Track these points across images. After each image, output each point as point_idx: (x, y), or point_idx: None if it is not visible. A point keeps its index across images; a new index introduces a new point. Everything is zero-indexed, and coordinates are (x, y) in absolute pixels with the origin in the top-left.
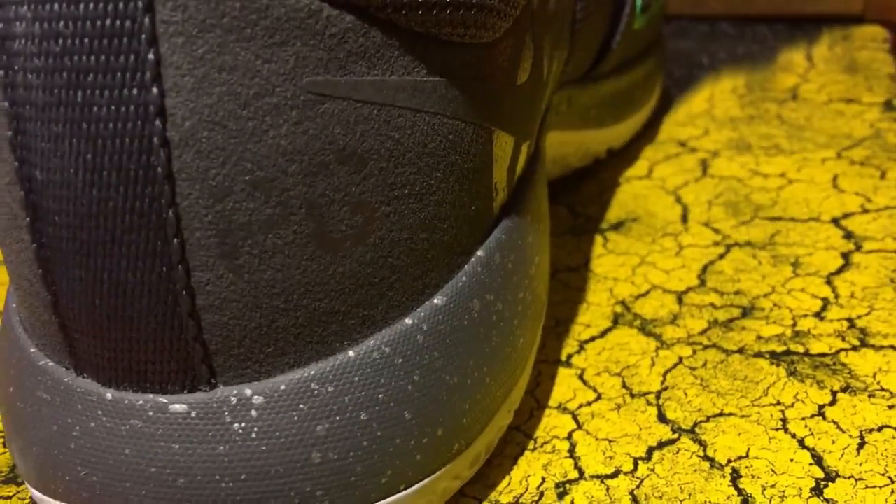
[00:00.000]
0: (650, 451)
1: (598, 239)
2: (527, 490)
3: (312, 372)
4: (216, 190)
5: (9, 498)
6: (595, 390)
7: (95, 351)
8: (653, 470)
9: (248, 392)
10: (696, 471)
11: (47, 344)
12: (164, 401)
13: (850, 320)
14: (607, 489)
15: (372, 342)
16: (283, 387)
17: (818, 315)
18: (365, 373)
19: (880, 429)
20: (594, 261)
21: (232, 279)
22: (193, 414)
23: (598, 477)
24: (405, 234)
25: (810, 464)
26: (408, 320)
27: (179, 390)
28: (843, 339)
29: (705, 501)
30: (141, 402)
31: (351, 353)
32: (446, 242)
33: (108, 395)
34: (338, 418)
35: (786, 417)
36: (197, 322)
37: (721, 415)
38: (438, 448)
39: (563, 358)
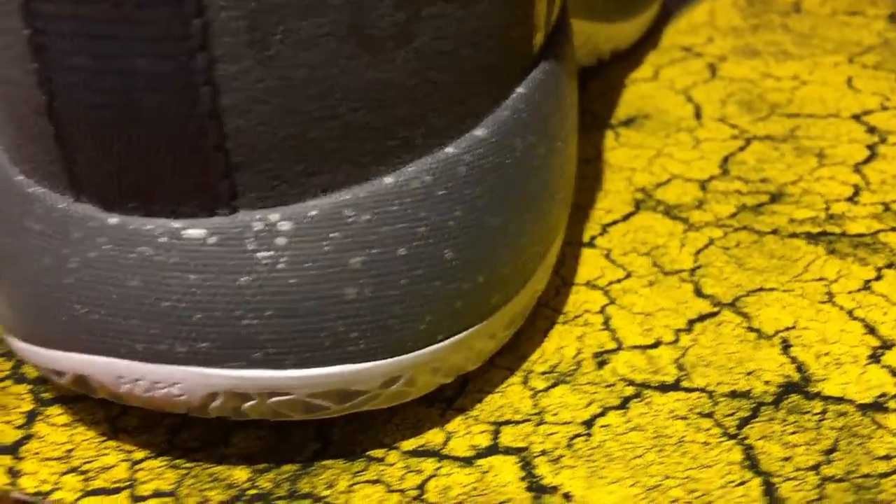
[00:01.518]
0: (690, 323)
1: (610, 134)
2: (562, 360)
3: (347, 197)
4: None
5: None
6: (624, 268)
7: (97, 166)
8: (696, 340)
9: (275, 217)
10: (742, 341)
11: (37, 166)
12: (178, 225)
13: (884, 204)
14: (650, 358)
15: (412, 169)
16: (314, 212)
17: (851, 200)
18: (404, 202)
19: None
20: (608, 153)
21: (261, 74)
22: (212, 240)
23: (638, 347)
24: (449, 44)
25: (864, 333)
26: (449, 149)
27: (195, 213)
28: (881, 221)
29: (756, 369)
30: (150, 226)
31: (389, 179)
32: (489, 66)
33: (112, 220)
34: (374, 251)
35: (831, 292)
36: (219, 125)
37: (762, 290)
38: (479, 297)
39: (587, 240)
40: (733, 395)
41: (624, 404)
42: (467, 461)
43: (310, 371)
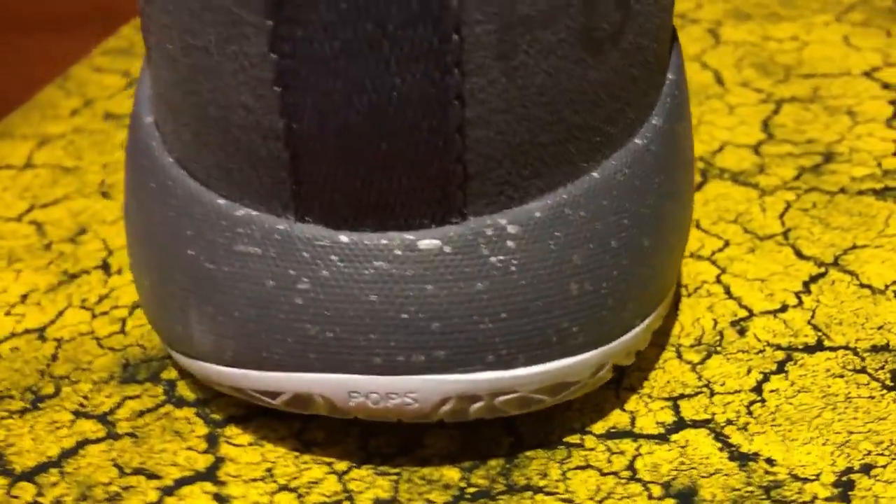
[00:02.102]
0: (805, 284)
1: None
2: (704, 332)
3: (565, 196)
4: None
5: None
6: (720, 237)
7: (332, 186)
8: (818, 301)
9: (503, 221)
10: (859, 297)
11: (252, 189)
12: (412, 237)
13: None
14: (784, 322)
15: (613, 163)
16: (538, 213)
17: None
18: (611, 196)
19: None
20: None
21: (505, 85)
22: (447, 249)
23: (768, 312)
24: (646, 40)
25: None
26: (637, 140)
27: (427, 224)
28: None
29: (884, 323)
30: (385, 241)
31: (596, 175)
32: (662, 55)
33: (343, 238)
34: (591, 246)
35: None
36: (462, 137)
37: (855, 247)
38: (662, 280)
39: None
40: (875, 349)
41: (781, 368)
42: (662, 438)
43: (537, 368)
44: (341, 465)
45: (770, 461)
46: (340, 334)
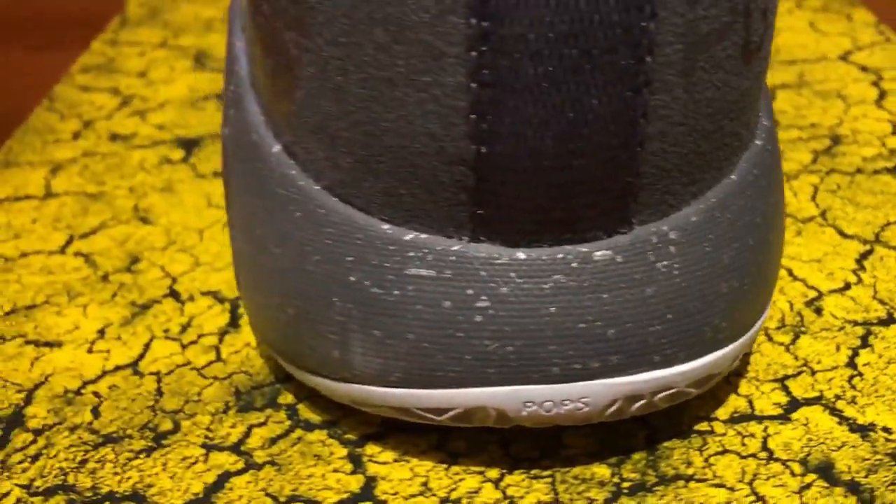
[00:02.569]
0: (858, 262)
1: None
2: (784, 314)
3: (713, 200)
4: None
5: None
6: None
7: (515, 206)
8: (875, 277)
9: (665, 228)
10: None
11: (421, 213)
12: (586, 249)
13: None
14: (852, 299)
15: (744, 165)
16: (693, 218)
17: None
18: (746, 196)
19: None
20: None
21: (684, 100)
22: (619, 258)
23: (835, 291)
24: (770, 46)
25: None
26: (758, 141)
27: (600, 236)
28: None
29: None
30: (561, 255)
31: (734, 177)
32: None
33: (521, 255)
34: (736, 245)
35: None
36: (642, 151)
37: (890, 223)
38: (778, 270)
39: None
40: None
41: (865, 343)
42: (784, 418)
43: (694, 364)
44: (493, 473)
45: (887, 430)
46: (520, 348)
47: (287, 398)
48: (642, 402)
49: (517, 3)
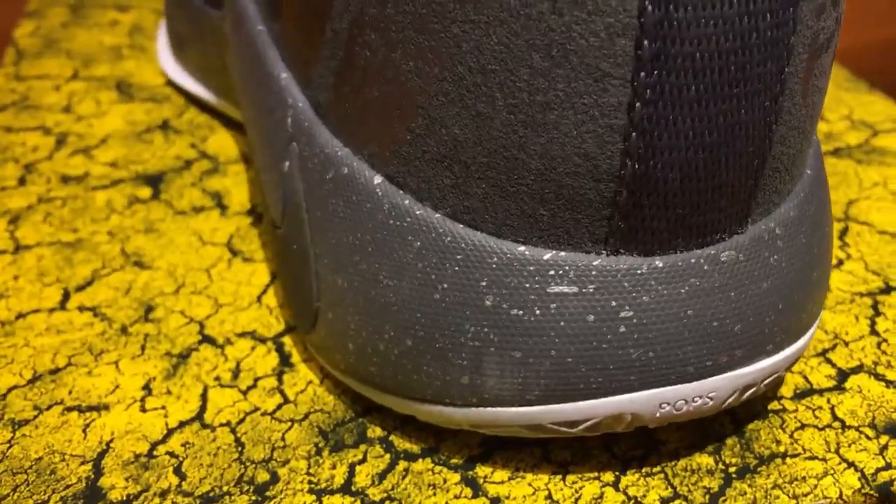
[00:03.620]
0: (841, 238)
1: None
2: None
3: (802, 195)
4: (818, 6)
5: None
6: None
7: (658, 218)
8: (860, 251)
9: (772, 225)
10: (887, 243)
11: (559, 232)
12: (714, 252)
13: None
14: (850, 273)
15: (812, 161)
16: (792, 213)
17: (824, 119)
18: (821, 188)
19: None
20: None
21: (801, 104)
22: (741, 257)
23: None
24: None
25: None
26: (814, 137)
27: (722, 238)
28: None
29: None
30: (693, 259)
31: (809, 171)
32: None
33: (659, 263)
34: (819, 235)
35: None
36: (769, 156)
37: (853, 201)
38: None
39: None
40: None
41: (877, 311)
42: (839, 388)
43: (795, 347)
44: (608, 476)
45: None
46: (661, 352)
47: (376, 431)
48: (753, 389)
49: (688, 24)
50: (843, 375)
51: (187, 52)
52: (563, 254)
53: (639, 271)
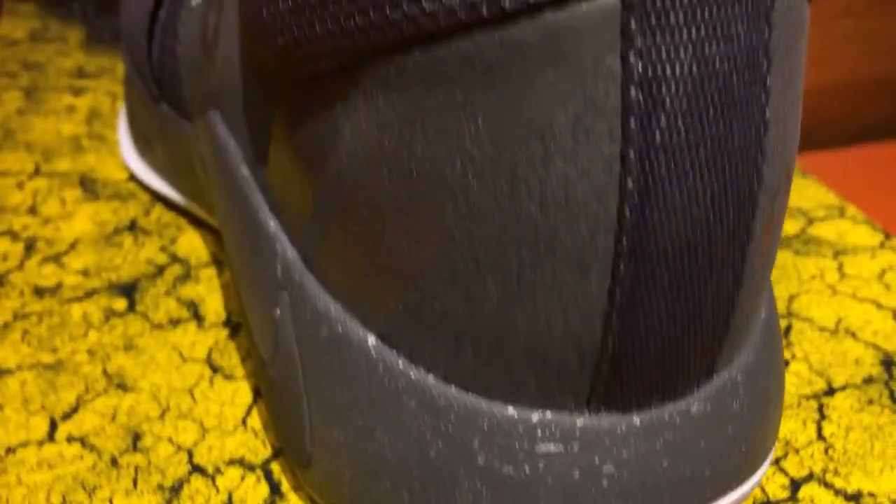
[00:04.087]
0: (786, 336)
1: None
2: None
3: (759, 338)
4: (773, 192)
5: None
6: None
7: (635, 382)
8: (805, 350)
9: (735, 373)
10: (828, 340)
11: (545, 394)
12: (684, 406)
13: None
14: (796, 374)
15: (764, 313)
16: (751, 357)
17: None
18: (773, 326)
19: None
20: None
21: (760, 271)
22: (708, 408)
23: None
24: None
25: None
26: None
27: (691, 391)
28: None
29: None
30: (667, 415)
31: (763, 315)
32: None
33: (636, 420)
34: (772, 372)
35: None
36: (733, 317)
37: (794, 296)
38: None
39: None
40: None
41: (822, 415)
42: (794, 499)
43: (757, 475)
44: None
45: (872, 494)
46: (640, 501)
47: None
48: None
49: (661, 224)
50: (795, 485)
51: (153, 152)
52: (549, 414)
53: (618, 430)
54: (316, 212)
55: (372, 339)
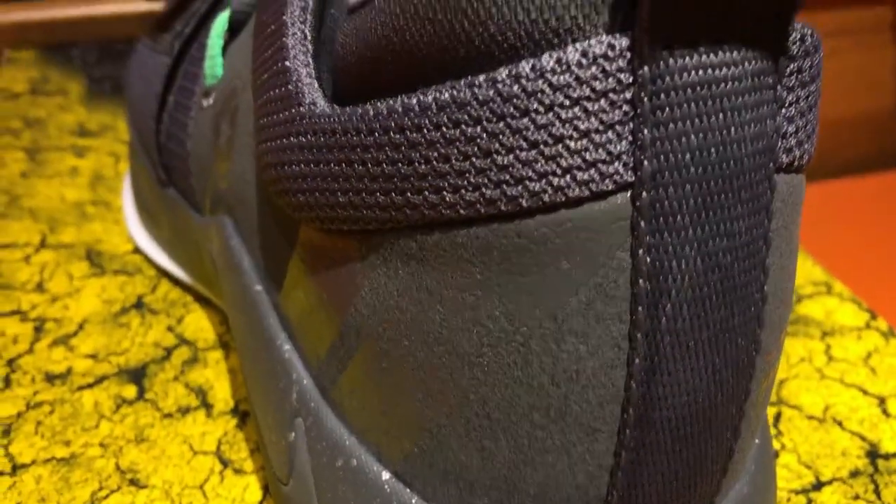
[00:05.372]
0: (776, 424)
1: None
2: None
3: (753, 467)
4: (769, 351)
5: None
6: None
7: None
8: (793, 439)
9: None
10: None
11: None
12: None
13: None
14: (786, 468)
15: (758, 440)
16: (745, 490)
17: None
18: (768, 453)
19: None
20: None
21: (756, 417)
22: None
23: None
24: None
25: None
26: None
27: None
28: None
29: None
30: None
31: (757, 441)
32: None
33: None
34: (770, 495)
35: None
36: (730, 462)
37: (784, 380)
38: None
39: None
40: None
41: None
42: None
43: None
44: None
45: None
46: None
47: None
48: None
49: (665, 396)
50: None
51: (159, 227)
52: None
53: None
54: (333, 349)
55: (386, 475)
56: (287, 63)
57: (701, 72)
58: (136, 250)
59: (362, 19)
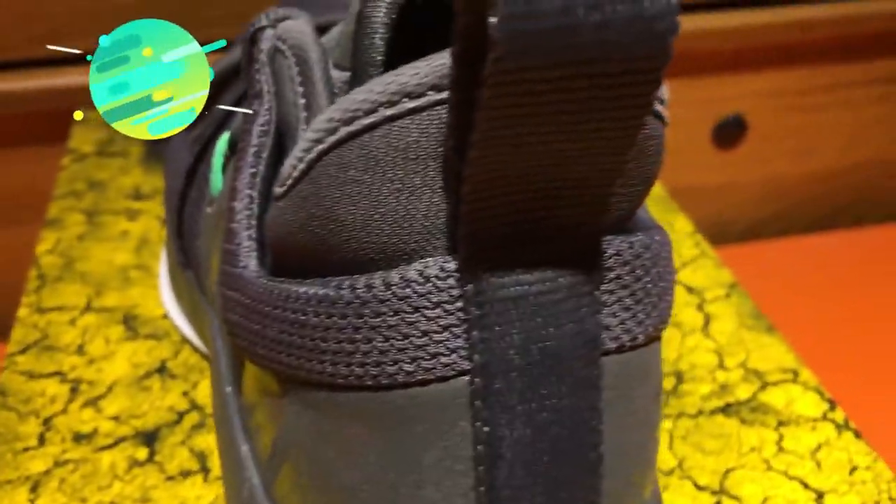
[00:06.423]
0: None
1: None
2: None
3: None
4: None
5: None
6: None
7: None
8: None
9: None
10: None
11: None
12: None
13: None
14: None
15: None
16: None
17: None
18: None
19: None
20: None
21: None
22: None
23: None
24: None
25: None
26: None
27: None
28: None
29: None
30: None
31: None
32: None
33: None
34: None
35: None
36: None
37: (731, 470)
38: None
39: None
40: None
41: None
42: None
43: None
44: None
45: None
46: None
47: None
48: None
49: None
50: None
51: (182, 301)
52: None
53: None
54: (270, 457)
55: None
56: (233, 225)
57: (518, 287)
58: (167, 316)
59: (279, 210)
